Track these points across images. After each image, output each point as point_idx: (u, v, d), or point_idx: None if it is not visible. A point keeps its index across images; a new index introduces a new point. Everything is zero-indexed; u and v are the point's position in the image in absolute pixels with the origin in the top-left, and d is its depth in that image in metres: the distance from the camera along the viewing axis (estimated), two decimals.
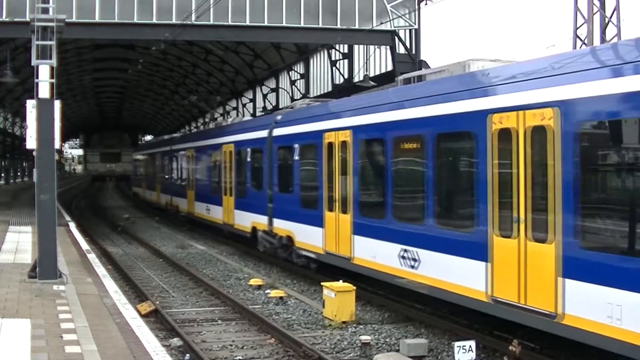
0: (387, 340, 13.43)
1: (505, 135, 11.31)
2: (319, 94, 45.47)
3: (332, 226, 17.53)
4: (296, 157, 19.92)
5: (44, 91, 15.66)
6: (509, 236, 11.19)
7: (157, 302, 16.66)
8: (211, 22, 31.60)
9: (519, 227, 10.97)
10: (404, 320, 15.03)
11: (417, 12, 33.09)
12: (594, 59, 10.49)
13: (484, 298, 11.80)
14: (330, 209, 17.60)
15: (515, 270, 11.03)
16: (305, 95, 46.47)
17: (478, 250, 11.83)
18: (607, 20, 27.98)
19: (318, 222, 18.23)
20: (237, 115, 63.62)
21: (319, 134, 18.27)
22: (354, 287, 15.10)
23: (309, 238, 19.05)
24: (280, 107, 52.76)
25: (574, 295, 9.99)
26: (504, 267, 11.30)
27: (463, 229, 12.46)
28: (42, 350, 9.99)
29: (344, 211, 16.89)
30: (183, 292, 18.92)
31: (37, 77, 15.66)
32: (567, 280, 10.09)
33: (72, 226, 30.01)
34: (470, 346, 11.44)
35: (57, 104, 15.90)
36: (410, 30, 33.60)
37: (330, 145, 17.70)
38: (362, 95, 21.81)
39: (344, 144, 16.98)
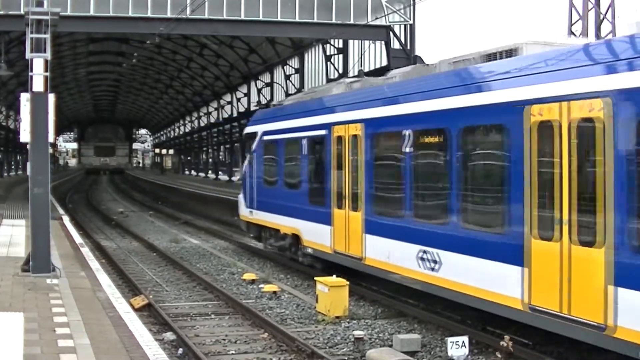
0: (380, 335, 13.44)
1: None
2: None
3: None
4: None
5: (38, 84, 15.61)
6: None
7: (151, 296, 16.65)
8: (206, 17, 31.60)
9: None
10: (397, 315, 15.04)
11: (412, 7, 33.10)
12: None
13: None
14: None
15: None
16: (300, 90, 46.45)
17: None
18: (602, 16, 28.05)
19: None
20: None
21: None
22: (347, 282, 15.12)
23: None
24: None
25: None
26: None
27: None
28: (35, 343, 9.98)
29: None
30: (176, 286, 18.91)
31: (31, 71, 15.61)
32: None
33: (66, 220, 29.96)
34: (463, 342, 11.46)
35: (51, 97, 15.85)
36: (405, 25, 33.60)
37: None
38: None
39: None
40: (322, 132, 17.96)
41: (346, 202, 16.72)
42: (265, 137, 22.18)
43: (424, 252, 13.52)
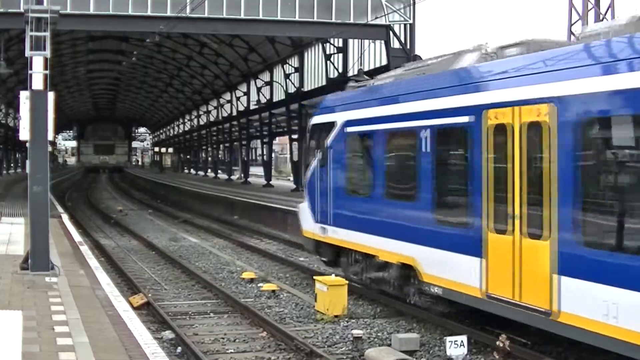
0: (379, 334, 13.45)
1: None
2: (313, 88, 45.45)
3: None
4: None
5: (37, 82, 15.60)
6: None
7: (150, 295, 16.65)
8: (206, 15, 31.58)
9: None
10: (396, 314, 15.04)
11: (412, 7, 33.09)
12: None
13: None
14: None
15: None
16: (299, 89, 46.46)
17: None
18: (601, 17, 28.05)
19: None
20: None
21: None
22: (346, 281, 15.12)
23: None
24: (274, 100, 52.88)
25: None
26: None
27: None
28: (34, 342, 9.98)
29: None
30: (175, 284, 18.91)
31: (31, 69, 15.59)
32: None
33: (65, 218, 29.95)
34: (461, 341, 11.48)
35: (51, 95, 15.84)
36: (405, 25, 33.59)
37: None
38: None
39: None
40: (463, 119, 12.41)
41: (515, 223, 11.09)
42: (350, 129, 16.52)
43: None
